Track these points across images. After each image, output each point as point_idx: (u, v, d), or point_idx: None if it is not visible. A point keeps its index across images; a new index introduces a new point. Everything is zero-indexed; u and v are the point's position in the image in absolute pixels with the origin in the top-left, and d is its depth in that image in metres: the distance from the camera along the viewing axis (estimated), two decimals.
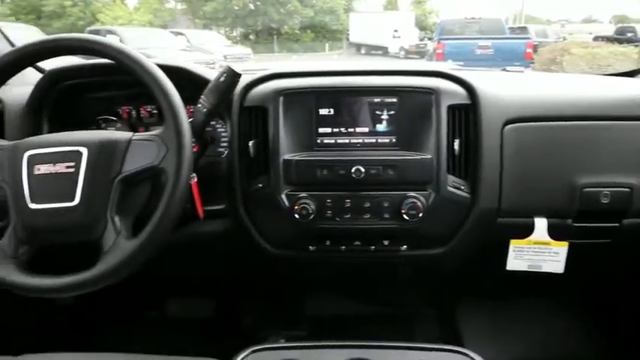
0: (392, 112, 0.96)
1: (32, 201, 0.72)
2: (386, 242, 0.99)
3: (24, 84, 1.00)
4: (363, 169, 0.92)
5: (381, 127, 0.97)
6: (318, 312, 1.49)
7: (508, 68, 1.35)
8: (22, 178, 0.72)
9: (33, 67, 1.07)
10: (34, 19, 15.18)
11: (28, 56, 0.78)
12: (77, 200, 0.72)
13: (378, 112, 0.96)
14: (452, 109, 0.95)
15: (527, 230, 1.00)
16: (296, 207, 0.93)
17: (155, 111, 1.09)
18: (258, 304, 1.53)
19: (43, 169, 0.73)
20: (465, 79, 0.97)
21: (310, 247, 1.00)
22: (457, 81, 0.98)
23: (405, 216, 0.93)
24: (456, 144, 0.95)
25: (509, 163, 0.96)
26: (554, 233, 0.99)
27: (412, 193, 0.93)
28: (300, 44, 19.76)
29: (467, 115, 0.96)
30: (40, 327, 1.33)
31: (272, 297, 1.52)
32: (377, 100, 0.96)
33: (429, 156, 0.93)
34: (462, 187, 0.96)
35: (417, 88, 0.95)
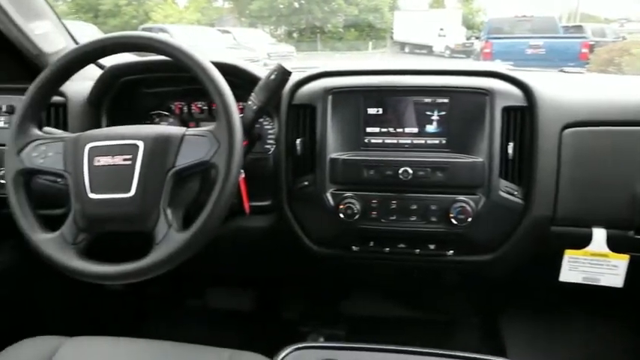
0: (443, 113, 0.93)
1: (92, 191, 0.75)
2: (432, 246, 0.97)
3: (84, 79, 1.05)
4: (410, 171, 0.91)
5: (430, 128, 0.94)
6: (357, 312, 1.48)
7: (566, 69, 1.28)
8: (83, 169, 0.76)
9: (94, 64, 1.13)
10: (91, 17, 16.02)
11: (93, 53, 0.81)
12: (133, 191, 0.74)
13: (428, 113, 0.94)
14: (507, 110, 0.91)
15: (583, 240, 0.94)
16: (341, 206, 0.93)
17: (205, 107, 1.12)
18: (298, 301, 1.54)
19: (102, 160, 0.76)
20: (522, 79, 0.93)
21: (353, 247, 1.00)
22: (513, 82, 0.94)
23: (453, 220, 0.90)
24: (510, 147, 0.91)
25: (567, 169, 0.92)
26: (614, 245, 0.93)
27: (461, 197, 0.90)
28: (343, 42, 19.72)
29: (523, 117, 0.92)
30: (90, 311, 1.40)
31: (312, 294, 1.53)
32: (427, 100, 0.94)
33: (481, 159, 0.90)
34: (515, 193, 0.93)
35: (470, 88, 0.92)
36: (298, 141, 0.97)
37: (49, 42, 1.12)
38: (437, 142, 0.95)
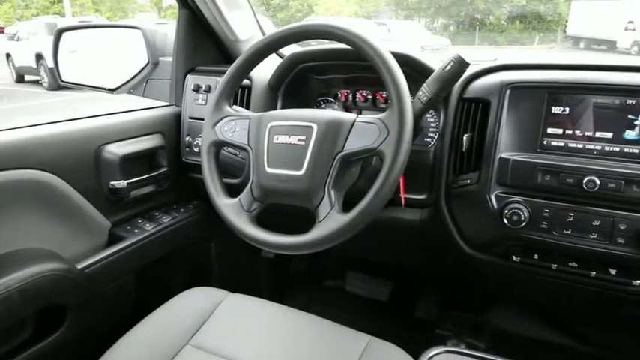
0: None
1: (268, 165, 0.83)
2: (613, 271, 0.84)
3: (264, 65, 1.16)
4: (598, 181, 0.79)
5: (631, 134, 0.80)
6: (502, 326, 1.37)
7: None
8: (263, 145, 0.84)
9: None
10: (263, 10, 17.70)
11: (281, 41, 0.88)
12: (304, 170, 0.79)
13: (630, 117, 0.80)
14: None
15: None
16: (505, 211, 0.86)
17: (370, 96, 1.14)
18: (435, 301, 1.50)
19: (280, 139, 0.82)
20: None
21: (514, 257, 0.91)
22: None
23: None
24: None
25: None
26: None
27: None
28: (504, 36, 18.16)
29: None
30: (246, 272, 1.57)
31: (454, 297, 1.46)
32: (630, 101, 0.80)
33: None
34: None
35: None
36: (465, 136, 0.92)
37: (243, 30, 1.26)
38: (637, 151, 0.80)
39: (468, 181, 0.92)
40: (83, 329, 0.97)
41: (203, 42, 1.27)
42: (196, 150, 1.21)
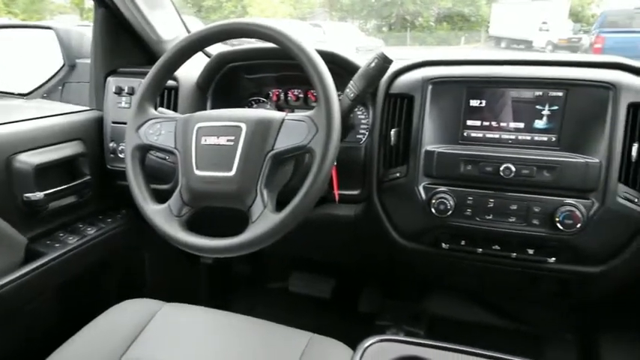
0: (555, 108, 0.86)
1: (197, 168, 0.80)
2: (531, 251, 0.90)
3: (192, 65, 1.13)
4: (513, 168, 0.85)
5: (540, 123, 0.87)
6: (439, 312, 1.43)
7: None
8: (191, 147, 0.81)
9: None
10: (195, 12, 17.22)
11: (205, 39, 0.85)
12: (234, 171, 0.78)
13: (538, 107, 0.87)
14: (633, 107, 0.81)
15: None
16: (433, 201, 0.90)
17: (301, 95, 1.14)
18: (377, 294, 1.53)
19: (209, 140, 0.80)
20: None
21: (443, 244, 0.96)
22: None
23: (558, 225, 0.83)
24: (634, 149, 0.81)
25: None
26: None
27: (570, 201, 0.83)
28: (433, 37, 19.04)
29: None
30: (184, 280, 1.51)
31: (393, 289, 1.50)
32: (539, 93, 0.86)
33: (597, 160, 0.81)
34: (636, 200, 0.82)
35: (592, 81, 0.83)
36: (393, 131, 0.95)
37: (167, 30, 1.21)
38: (545, 139, 0.87)
39: (398, 175, 0.95)
40: (1, 356, 0.88)
41: (124, 42, 1.21)
42: (121, 156, 1.15)
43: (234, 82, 1.14)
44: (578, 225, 0.82)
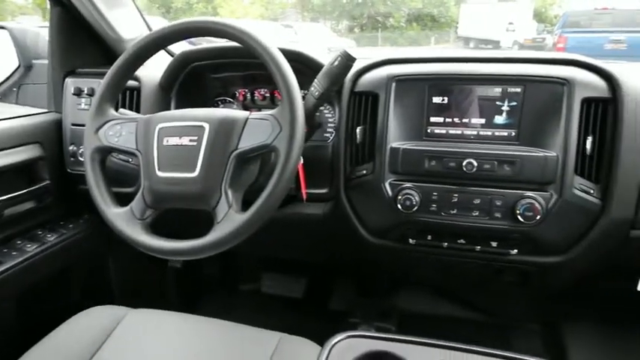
0: (514, 104, 0.88)
1: (159, 169, 0.78)
2: (494, 244, 0.92)
3: (156, 65, 1.11)
4: (475, 163, 0.87)
5: (500, 119, 0.89)
6: (409, 307, 1.45)
7: None
8: (152, 148, 0.79)
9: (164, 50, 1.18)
10: (163, 13, 16.90)
11: (167, 38, 0.84)
12: (197, 172, 0.76)
13: (498, 103, 0.89)
14: (587, 102, 0.85)
15: None
16: (399, 197, 0.91)
17: (268, 94, 1.13)
18: (348, 292, 1.54)
19: (171, 140, 0.78)
20: (607, 69, 0.85)
21: (410, 240, 0.97)
22: (596, 71, 0.86)
23: (519, 217, 0.85)
24: (589, 142, 0.84)
25: None
26: None
27: (530, 193, 0.85)
28: (404, 38, 19.32)
29: (605, 110, 0.85)
30: (152, 285, 1.48)
31: (364, 286, 1.51)
32: (498, 89, 0.89)
33: (554, 153, 0.84)
34: (591, 192, 0.86)
35: (547, 77, 0.86)
36: (358, 129, 0.95)
37: (127, 29, 1.18)
38: (505, 134, 0.90)
39: (364, 172, 0.96)
40: None
41: (82, 42, 1.18)
42: (82, 159, 1.12)
43: (199, 82, 1.13)
44: (538, 217, 0.84)
